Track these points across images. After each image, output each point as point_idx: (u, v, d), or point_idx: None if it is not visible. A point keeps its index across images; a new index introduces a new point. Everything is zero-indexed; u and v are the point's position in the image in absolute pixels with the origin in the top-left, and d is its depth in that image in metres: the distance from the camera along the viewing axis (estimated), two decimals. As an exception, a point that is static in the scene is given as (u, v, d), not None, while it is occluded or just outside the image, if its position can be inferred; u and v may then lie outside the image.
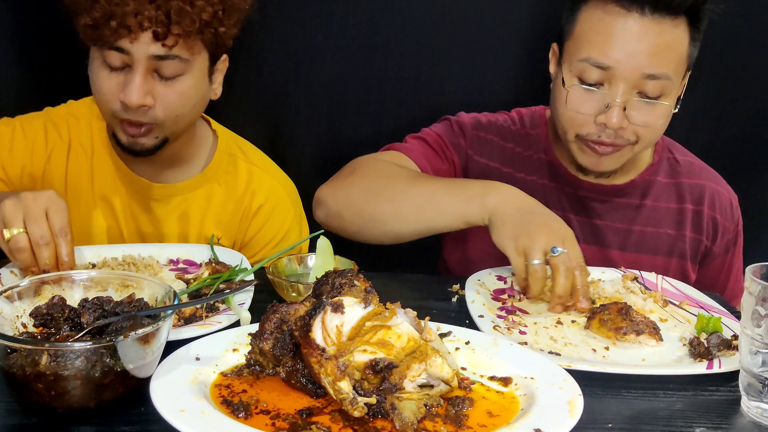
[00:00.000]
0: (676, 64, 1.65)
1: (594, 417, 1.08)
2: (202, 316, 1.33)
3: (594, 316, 1.41)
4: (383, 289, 1.16)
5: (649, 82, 1.63)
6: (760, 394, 1.11)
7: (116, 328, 1.08)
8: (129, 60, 1.58)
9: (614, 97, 1.64)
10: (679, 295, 1.58)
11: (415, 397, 1.03)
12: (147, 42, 1.55)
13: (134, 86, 1.57)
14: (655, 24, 1.61)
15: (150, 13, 1.53)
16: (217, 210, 1.85)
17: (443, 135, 1.90)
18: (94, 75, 1.64)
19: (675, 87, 1.67)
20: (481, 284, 1.57)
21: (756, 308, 1.10)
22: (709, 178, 1.93)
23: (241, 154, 1.90)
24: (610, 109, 1.64)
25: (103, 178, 1.82)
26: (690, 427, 1.09)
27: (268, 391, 1.08)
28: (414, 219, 1.64)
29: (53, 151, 1.80)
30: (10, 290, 1.14)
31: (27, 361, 0.98)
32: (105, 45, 1.57)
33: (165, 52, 1.57)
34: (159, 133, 1.66)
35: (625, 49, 1.62)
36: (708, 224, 1.90)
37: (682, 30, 1.64)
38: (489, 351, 1.20)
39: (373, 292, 1.12)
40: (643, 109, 1.66)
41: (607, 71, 1.64)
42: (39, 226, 1.40)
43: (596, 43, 1.65)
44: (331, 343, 1.05)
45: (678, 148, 1.96)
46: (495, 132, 1.92)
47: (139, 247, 1.66)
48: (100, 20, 1.53)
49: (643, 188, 1.89)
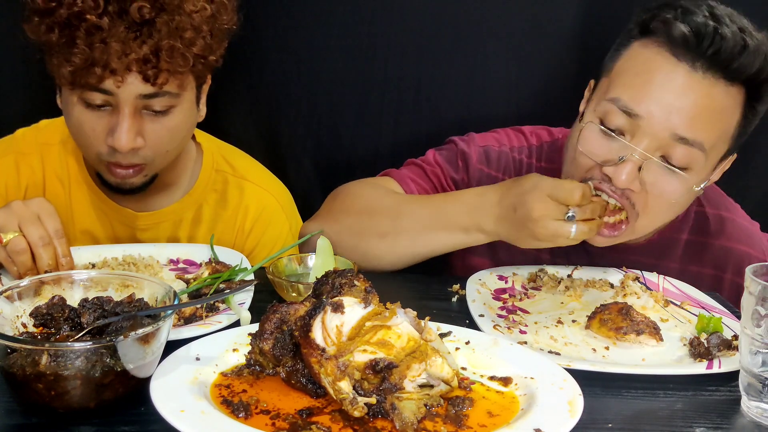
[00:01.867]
0: (716, 137, 1.45)
1: (594, 417, 1.07)
2: (202, 316, 1.33)
3: (594, 316, 1.41)
4: (383, 289, 1.16)
5: (678, 147, 1.42)
6: (760, 394, 1.11)
7: (116, 328, 1.08)
8: (113, 100, 1.47)
9: (633, 152, 1.43)
10: (681, 295, 1.58)
11: (415, 397, 1.03)
12: (134, 83, 1.45)
13: (123, 130, 1.47)
14: (704, 83, 1.42)
15: (136, 53, 1.41)
16: (206, 231, 1.78)
17: (444, 167, 1.76)
18: (72, 115, 1.52)
19: (705, 164, 1.46)
20: (482, 284, 1.57)
21: (756, 308, 1.10)
22: (741, 240, 1.71)
23: (229, 169, 1.82)
24: (623, 163, 1.43)
25: (83, 211, 1.74)
26: (690, 427, 1.09)
27: (268, 391, 1.07)
28: (410, 253, 1.59)
29: (28, 188, 1.72)
30: (10, 290, 1.14)
31: (27, 361, 0.98)
32: (86, 87, 1.45)
33: (154, 90, 1.47)
34: (149, 171, 1.60)
35: (662, 100, 1.42)
36: (730, 291, 1.68)
37: (735, 100, 1.45)
38: (489, 351, 1.20)
39: (373, 292, 1.12)
40: (662, 176, 1.45)
41: (634, 120, 1.44)
42: (37, 229, 1.39)
43: (632, 85, 1.46)
44: (331, 343, 1.05)
45: (714, 200, 1.72)
46: (504, 168, 1.75)
47: (139, 247, 1.66)
48: (81, 65, 1.41)
49: (662, 247, 1.69)
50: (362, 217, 1.64)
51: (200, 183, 1.79)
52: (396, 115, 2.21)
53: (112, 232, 1.76)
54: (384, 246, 1.59)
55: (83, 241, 1.74)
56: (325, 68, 2.17)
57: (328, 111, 2.22)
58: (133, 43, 1.41)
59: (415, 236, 1.58)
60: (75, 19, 1.42)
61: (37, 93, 2.08)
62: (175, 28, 1.45)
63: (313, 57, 2.16)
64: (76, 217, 1.75)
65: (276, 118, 2.23)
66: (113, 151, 1.51)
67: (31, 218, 1.40)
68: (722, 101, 1.44)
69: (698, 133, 1.43)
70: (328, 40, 2.14)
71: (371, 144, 2.22)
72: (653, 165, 1.45)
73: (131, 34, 1.42)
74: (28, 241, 1.39)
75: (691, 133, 1.42)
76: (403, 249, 1.60)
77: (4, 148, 1.76)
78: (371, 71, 2.17)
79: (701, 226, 1.72)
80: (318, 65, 2.17)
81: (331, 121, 2.23)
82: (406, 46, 2.15)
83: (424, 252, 1.61)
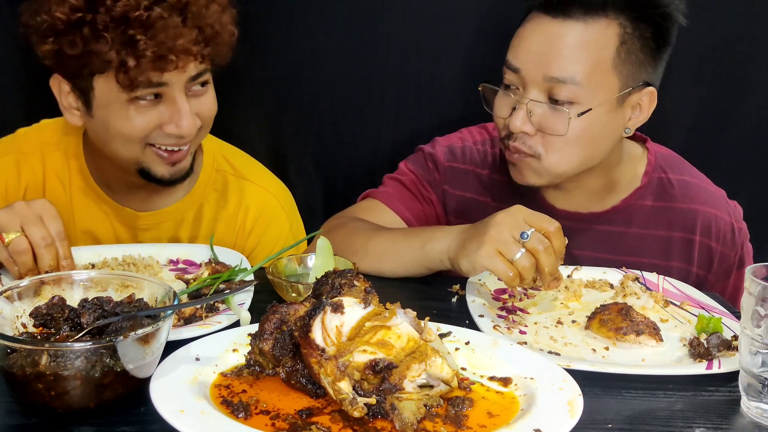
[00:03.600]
0: (589, 70, 1.57)
1: (594, 417, 1.07)
2: (201, 317, 1.33)
3: (594, 316, 1.41)
4: (383, 289, 1.16)
5: (556, 86, 1.58)
6: (760, 394, 1.11)
7: (116, 328, 1.08)
8: (163, 90, 1.50)
9: (520, 99, 1.61)
10: (680, 295, 1.58)
11: (414, 398, 1.03)
12: (187, 66, 1.50)
13: (187, 115, 1.52)
14: (563, 27, 1.57)
15: (189, 35, 1.46)
16: (207, 232, 1.79)
17: (418, 173, 1.87)
18: (117, 117, 1.52)
19: (590, 95, 1.58)
20: (482, 284, 1.57)
21: (756, 308, 1.10)
22: (706, 201, 1.79)
23: (229, 169, 1.83)
24: (515, 111, 1.62)
25: (84, 211, 1.75)
26: (690, 427, 1.09)
27: (268, 392, 1.08)
28: (376, 269, 1.62)
29: (28, 188, 1.73)
30: (10, 290, 1.14)
31: (27, 361, 0.98)
32: (142, 85, 1.47)
33: (202, 69, 1.54)
34: (192, 147, 1.63)
35: (529, 50, 1.61)
36: (701, 253, 1.79)
37: (602, 35, 1.57)
38: (489, 351, 1.20)
39: (372, 292, 1.12)
40: (547, 114, 1.60)
41: (517, 74, 1.62)
42: (39, 229, 1.39)
43: (514, 46, 1.65)
44: (331, 344, 1.05)
45: (675, 167, 1.82)
46: (470, 160, 1.87)
47: (139, 247, 1.66)
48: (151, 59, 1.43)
49: (627, 214, 1.78)
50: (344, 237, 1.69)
51: (201, 183, 1.79)
52: (396, 115, 2.21)
53: (113, 232, 1.76)
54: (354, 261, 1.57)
55: (84, 241, 1.74)
56: (326, 68, 2.17)
57: (329, 111, 2.22)
58: (183, 28, 1.46)
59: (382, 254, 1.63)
60: (121, 20, 1.43)
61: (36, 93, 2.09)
62: (205, 6, 1.51)
63: (313, 57, 2.16)
64: (77, 217, 1.75)
65: (277, 118, 2.23)
66: (176, 138, 1.54)
67: (34, 219, 1.40)
68: (584, 38, 1.57)
69: (566, 71, 1.57)
70: (329, 40, 2.14)
71: (371, 144, 2.23)
72: (536, 106, 1.60)
73: (177, 19, 1.46)
74: (30, 241, 1.40)
75: (559, 72, 1.57)
76: (369, 264, 1.62)
77: (5, 148, 1.76)
78: (371, 71, 2.17)
79: (665, 192, 1.79)
80: (319, 65, 2.17)
81: (331, 121, 2.23)
82: (406, 45, 2.15)
83: (390, 268, 1.63)
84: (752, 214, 1.94)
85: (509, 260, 1.39)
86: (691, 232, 1.78)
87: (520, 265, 1.38)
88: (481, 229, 1.44)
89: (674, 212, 1.78)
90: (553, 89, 1.58)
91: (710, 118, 2.20)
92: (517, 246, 1.39)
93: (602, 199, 1.78)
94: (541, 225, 1.40)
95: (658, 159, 1.81)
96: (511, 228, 1.40)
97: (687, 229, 1.78)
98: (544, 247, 1.38)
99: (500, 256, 1.39)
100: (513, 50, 1.64)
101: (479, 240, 1.42)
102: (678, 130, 2.16)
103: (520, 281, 1.40)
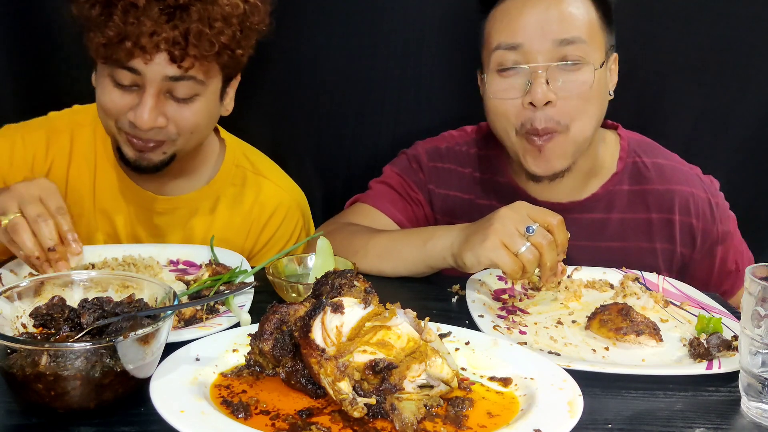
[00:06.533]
0: (587, 28, 1.62)
1: (594, 417, 1.07)
2: (202, 318, 1.33)
3: (594, 316, 1.41)
4: (383, 290, 1.16)
5: (565, 48, 1.60)
6: (760, 394, 1.11)
7: (116, 328, 1.08)
8: (140, 80, 1.53)
9: (534, 70, 1.60)
10: (680, 295, 1.58)
11: (414, 398, 1.03)
12: (162, 63, 1.51)
13: (145, 108, 1.53)
14: None
15: (167, 33, 1.47)
16: (222, 224, 1.83)
17: (404, 174, 1.90)
18: (101, 90, 1.59)
19: (594, 52, 1.63)
20: (482, 284, 1.57)
21: (756, 309, 1.10)
22: (682, 181, 1.82)
23: (249, 165, 1.87)
24: (532, 85, 1.60)
25: (105, 191, 1.78)
26: (690, 427, 1.09)
27: (267, 392, 1.08)
28: (377, 269, 1.63)
29: (54, 162, 1.76)
30: (10, 290, 1.14)
31: (27, 361, 0.98)
32: (116, 64, 1.52)
33: (180, 73, 1.53)
34: (168, 148, 1.63)
35: (531, 21, 1.61)
36: (682, 232, 1.80)
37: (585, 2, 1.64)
38: (489, 351, 1.20)
39: (372, 292, 1.12)
40: (566, 76, 1.61)
41: (519, 50, 1.62)
42: (35, 207, 1.39)
43: (503, 27, 1.65)
44: (331, 344, 1.05)
45: (648, 150, 1.85)
46: (452, 159, 1.89)
47: (139, 248, 1.67)
48: (114, 39, 1.48)
49: (607, 201, 1.80)
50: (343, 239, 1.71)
51: (220, 176, 1.84)
52: (396, 115, 2.21)
53: (129, 214, 1.80)
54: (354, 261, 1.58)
55: (100, 221, 1.79)
56: (327, 68, 2.18)
57: (329, 111, 2.22)
58: (165, 25, 1.48)
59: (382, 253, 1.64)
60: None
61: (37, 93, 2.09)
62: (207, 16, 1.51)
63: (314, 57, 2.16)
64: (98, 195, 1.79)
65: (277, 118, 2.23)
66: (134, 127, 1.57)
67: (31, 198, 1.40)
68: (576, 3, 1.63)
69: (573, 30, 1.61)
70: (329, 41, 2.15)
71: (371, 144, 2.23)
72: (553, 70, 1.61)
73: (164, 16, 1.49)
74: (26, 219, 1.38)
75: (568, 33, 1.60)
76: (370, 264, 1.64)
77: (38, 124, 1.82)
78: (371, 71, 2.18)
79: (641, 175, 1.82)
80: (319, 65, 2.17)
81: (331, 121, 2.23)
82: (406, 45, 2.15)
83: (390, 267, 1.65)
84: (752, 214, 1.94)
85: (514, 253, 1.40)
86: (669, 212, 1.80)
87: (524, 259, 1.40)
88: (485, 223, 1.45)
89: (652, 194, 1.81)
90: (565, 51, 1.60)
91: (710, 118, 2.20)
92: (522, 239, 1.40)
93: (582, 187, 1.80)
94: (545, 219, 1.42)
95: (630, 144, 1.84)
96: (515, 222, 1.42)
97: (666, 210, 1.80)
98: (548, 241, 1.41)
99: (505, 248, 1.41)
100: (505, 29, 1.64)
101: (484, 233, 1.43)
102: (678, 130, 2.16)
103: (523, 274, 1.42)
